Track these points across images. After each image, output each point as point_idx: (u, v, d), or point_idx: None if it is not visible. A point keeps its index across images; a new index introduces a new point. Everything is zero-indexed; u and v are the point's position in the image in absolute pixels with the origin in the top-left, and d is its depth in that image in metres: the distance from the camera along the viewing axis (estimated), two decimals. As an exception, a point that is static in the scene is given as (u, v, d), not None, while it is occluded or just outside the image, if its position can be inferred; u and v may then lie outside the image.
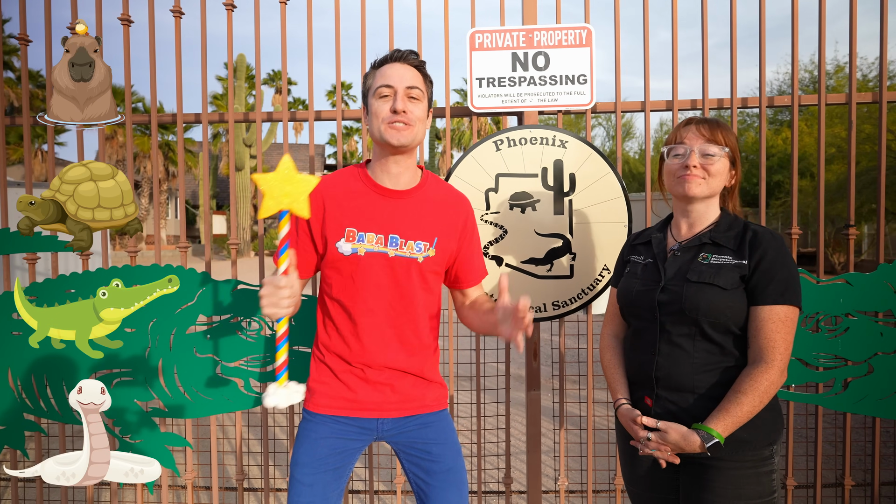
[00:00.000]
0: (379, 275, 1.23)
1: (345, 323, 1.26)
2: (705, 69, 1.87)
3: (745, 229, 1.20)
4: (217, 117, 2.00)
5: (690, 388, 1.16)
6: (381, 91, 1.22)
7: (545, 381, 3.97)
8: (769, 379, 1.10)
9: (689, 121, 1.25)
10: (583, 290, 1.83)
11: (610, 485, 2.07)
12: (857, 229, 1.85)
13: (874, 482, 1.85)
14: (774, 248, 1.15)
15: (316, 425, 1.27)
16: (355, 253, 1.22)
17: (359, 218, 1.24)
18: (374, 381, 1.26)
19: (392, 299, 1.25)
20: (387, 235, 1.23)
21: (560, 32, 1.83)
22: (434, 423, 1.31)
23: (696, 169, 1.20)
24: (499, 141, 1.82)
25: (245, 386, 1.87)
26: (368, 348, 1.25)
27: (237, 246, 1.95)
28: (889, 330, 1.75)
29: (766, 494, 1.14)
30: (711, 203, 1.25)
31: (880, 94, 1.83)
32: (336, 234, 1.23)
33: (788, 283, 1.13)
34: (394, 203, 1.26)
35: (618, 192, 1.82)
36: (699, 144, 1.20)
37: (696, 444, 1.10)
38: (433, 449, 1.29)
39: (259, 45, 1.94)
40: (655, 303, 1.21)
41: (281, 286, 1.04)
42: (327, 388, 1.28)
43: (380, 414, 1.27)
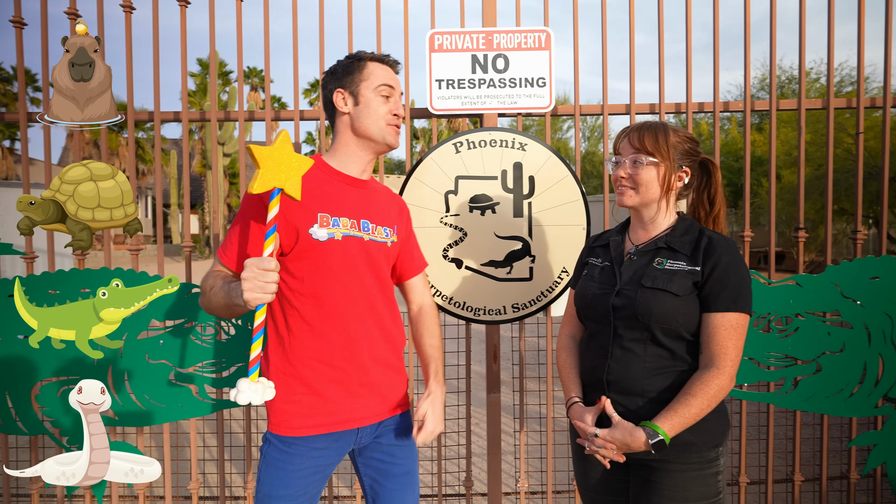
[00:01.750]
0: (357, 259, 1.20)
1: (325, 320, 1.18)
2: (662, 74, 1.89)
3: (701, 235, 1.21)
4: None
5: (641, 391, 1.17)
6: (382, 89, 1.23)
7: (507, 381, 3.98)
8: (719, 384, 1.12)
9: (624, 130, 1.27)
10: (542, 293, 1.83)
11: (570, 485, 2.09)
12: (807, 232, 1.90)
13: (822, 477, 1.91)
14: (728, 256, 1.16)
15: (291, 456, 1.17)
16: (332, 238, 1.16)
17: (330, 204, 1.19)
18: (354, 384, 1.20)
19: (371, 285, 1.22)
20: (358, 220, 1.22)
21: (520, 35, 1.84)
22: (399, 425, 1.29)
23: (626, 180, 1.22)
24: (458, 143, 1.82)
25: (200, 392, 1.82)
26: (353, 339, 1.19)
27: (192, 248, 1.90)
28: (836, 329, 1.80)
29: (712, 496, 1.16)
30: (662, 208, 1.25)
31: (828, 101, 1.88)
32: (307, 221, 1.16)
33: (741, 291, 1.15)
34: (360, 192, 1.27)
35: (576, 194, 1.83)
36: (630, 155, 1.22)
37: (641, 441, 1.11)
38: (396, 451, 1.27)
39: (214, 41, 1.90)
40: (610, 306, 1.22)
41: (269, 269, 0.99)
42: (301, 406, 1.18)
43: (360, 422, 1.22)
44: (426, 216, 1.81)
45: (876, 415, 1.82)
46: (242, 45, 1.88)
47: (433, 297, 1.81)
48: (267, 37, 1.87)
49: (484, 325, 1.88)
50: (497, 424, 1.88)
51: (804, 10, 1.86)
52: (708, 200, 1.29)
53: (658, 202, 1.23)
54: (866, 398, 1.80)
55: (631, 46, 1.89)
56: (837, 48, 3.53)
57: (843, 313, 1.80)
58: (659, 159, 1.20)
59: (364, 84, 1.22)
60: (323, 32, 1.88)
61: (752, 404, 1.98)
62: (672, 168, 1.21)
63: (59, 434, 1.81)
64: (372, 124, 1.22)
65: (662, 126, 1.23)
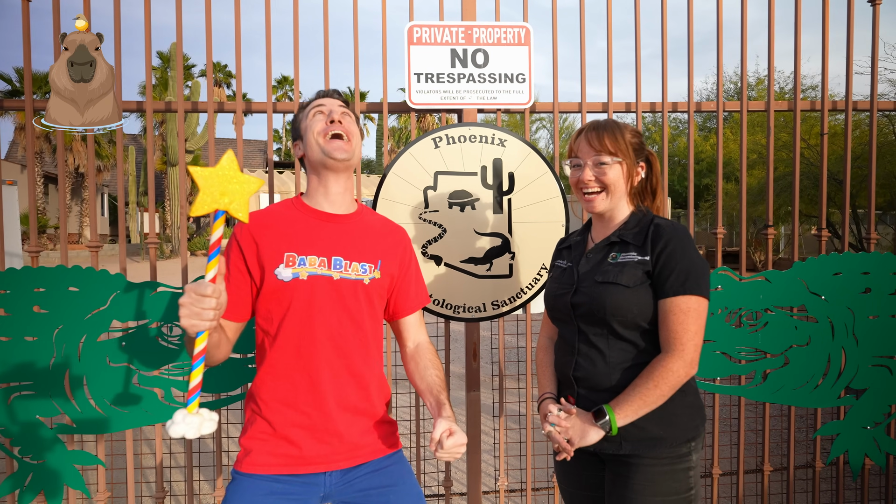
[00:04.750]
0: (323, 299, 1.13)
1: (288, 360, 1.14)
2: (638, 74, 1.92)
3: (650, 224, 1.20)
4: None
5: (608, 386, 1.17)
6: (314, 111, 1.20)
7: (486, 379, 3.99)
8: (671, 367, 1.10)
9: (580, 130, 1.26)
10: (522, 290, 1.83)
11: (549, 482, 2.10)
12: (774, 230, 1.97)
13: (790, 466, 1.98)
14: (676, 240, 1.14)
15: (252, 486, 1.11)
16: (296, 277, 1.12)
17: (298, 242, 1.15)
18: (319, 430, 1.13)
19: (339, 326, 1.14)
20: (329, 258, 1.15)
21: (499, 30, 1.82)
22: (388, 468, 1.19)
23: (592, 183, 1.22)
24: (437, 138, 1.79)
25: (166, 396, 1.73)
26: (317, 383, 1.13)
27: (156, 246, 1.80)
28: (802, 324, 1.87)
29: (683, 491, 1.16)
30: (622, 205, 1.26)
31: (794, 104, 1.95)
32: (274, 262, 1.13)
33: (689, 273, 1.12)
34: (334, 227, 1.19)
35: (556, 191, 1.83)
36: (591, 157, 1.22)
37: (591, 420, 1.13)
38: (390, 497, 1.16)
39: (181, 27, 1.81)
40: (570, 305, 1.23)
41: (206, 294, 0.92)
42: (266, 445, 1.13)
43: (326, 467, 1.14)
44: (405, 212, 1.77)
45: (839, 405, 1.89)
46: (212, 37, 1.80)
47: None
48: (238, 28, 1.79)
49: (463, 322, 1.86)
50: (477, 423, 1.86)
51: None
52: (650, 191, 1.30)
53: (623, 196, 1.24)
54: (830, 389, 1.87)
55: (609, 47, 1.91)
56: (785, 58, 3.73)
57: (809, 308, 1.86)
58: (621, 157, 1.21)
59: (305, 122, 1.22)
60: (297, 27, 1.82)
61: (723, 397, 2.03)
62: (632, 164, 1.23)
63: (9, 444, 1.69)
64: (313, 146, 1.18)
65: (616, 124, 1.24)
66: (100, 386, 1.69)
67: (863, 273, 1.86)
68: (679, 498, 1.15)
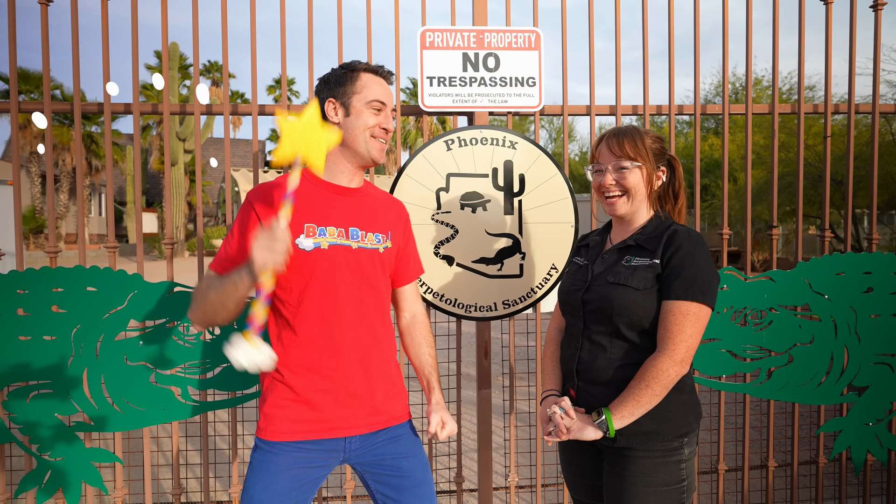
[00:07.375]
0: (344, 268, 1.19)
1: (311, 327, 1.18)
2: (646, 79, 1.96)
3: (667, 229, 1.24)
4: (150, 108, 1.87)
5: (607, 381, 1.22)
6: (374, 104, 1.22)
7: (495, 379, 4.02)
8: (661, 367, 1.13)
9: (601, 137, 1.31)
10: (532, 289, 1.86)
11: (558, 478, 2.13)
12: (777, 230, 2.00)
13: (793, 462, 2.02)
14: (687, 246, 1.18)
15: (275, 456, 1.16)
16: (318, 247, 1.17)
17: (317, 214, 1.20)
18: (342, 393, 1.18)
19: (360, 293, 1.21)
20: (347, 228, 1.21)
21: (510, 35, 1.86)
22: (402, 437, 1.27)
23: (614, 187, 1.27)
24: (450, 141, 1.82)
25: (182, 394, 1.76)
26: (340, 347, 1.18)
27: (172, 246, 1.83)
28: (806, 322, 1.91)
29: (673, 483, 1.20)
30: (639, 207, 1.29)
31: (798, 107, 1.99)
32: (294, 232, 1.16)
33: (695, 280, 1.15)
34: (349, 200, 1.25)
35: (565, 192, 1.86)
36: (612, 162, 1.27)
37: (590, 421, 1.18)
38: (403, 464, 1.24)
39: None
40: (580, 301, 1.28)
41: (279, 236, 1.00)
42: (288, 411, 1.17)
43: (348, 431, 1.19)
44: (418, 213, 1.81)
45: (841, 402, 1.93)
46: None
47: (423, 293, 1.81)
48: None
49: (475, 321, 1.89)
50: (488, 420, 1.90)
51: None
52: (672, 194, 1.34)
53: (645, 199, 1.28)
54: (833, 387, 1.91)
55: (617, 51, 1.94)
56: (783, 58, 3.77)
57: (813, 307, 1.90)
58: (641, 162, 1.25)
59: (356, 97, 1.21)
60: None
61: (728, 395, 2.07)
62: (652, 169, 1.27)
63: (28, 442, 1.71)
64: (359, 136, 1.21)
65: (636, 130, 1.28)
66: (117, 384, 1.72)
67: (865, 273, 1.91)
68: (670, 489, 1.19)
